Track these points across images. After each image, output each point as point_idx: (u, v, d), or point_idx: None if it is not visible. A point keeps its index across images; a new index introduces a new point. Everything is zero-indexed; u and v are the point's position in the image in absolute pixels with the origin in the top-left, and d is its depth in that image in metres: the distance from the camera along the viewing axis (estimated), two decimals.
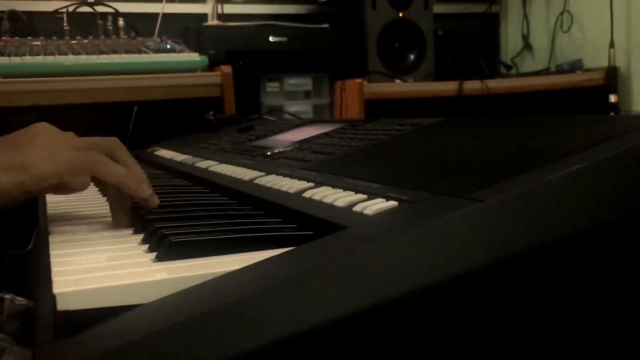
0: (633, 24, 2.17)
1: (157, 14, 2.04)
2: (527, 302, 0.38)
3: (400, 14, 2.13)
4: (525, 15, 2.59)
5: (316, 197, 0.54)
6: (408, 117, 0.84)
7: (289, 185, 0.61)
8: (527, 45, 2.60)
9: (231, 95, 1.74)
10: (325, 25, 2.15)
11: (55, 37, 1.74)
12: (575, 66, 2.31)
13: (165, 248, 0.45)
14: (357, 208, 0.47)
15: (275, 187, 0.62)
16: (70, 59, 1.62)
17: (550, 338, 0.39)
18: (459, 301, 0.36)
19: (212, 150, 1.11)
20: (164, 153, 1.22)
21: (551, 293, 0.38)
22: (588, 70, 2.25)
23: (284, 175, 0.66)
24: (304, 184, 0.60)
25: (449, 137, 0.72)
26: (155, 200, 0.61)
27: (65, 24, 1.82)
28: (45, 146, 0.58)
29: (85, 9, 1.92)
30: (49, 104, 1.56)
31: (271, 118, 1.66)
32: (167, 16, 2.06)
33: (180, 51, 1.77)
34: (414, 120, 0.81)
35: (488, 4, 2.65)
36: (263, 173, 0.71)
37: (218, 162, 0.89)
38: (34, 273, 0.49)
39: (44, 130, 0.60)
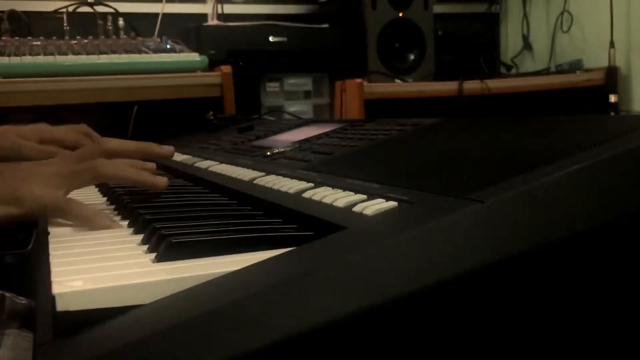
0: (633, 24, 2.17)
1: (157, 14, 2.04)
2: (527, 302, 0.38)
3: (400, 14, 2.13)
4: (525, 15, 2.59)
5: (316, 198, 0.54)
6: (408, 117, 0.84)
7: (289, 185, 0.61)
8: (527, 45, 2.59)
9: (231, 95, 1.74)
10: (325, 25, 2.15)
11: (55, 37, 1.74)
12: (575, 66, 2.31)
13: (165, 248, 0.44)
14: (356, 208, 0.47)
15: (275, 187, 0.62)
16: (70, 59, 1.62)
17: (550, 338, 0.39)
18: (459, 301, 0.36)
19: (212, 150, 1.11)
20: None
21: (551, 293, 0.38)
22: (588, 70, 2.25)
23: (284, 176, 0.66)
24: (303, 184, 0.60)
25: (449, 137, 0.72)
26: (162, 181, 0.66)
27: (65, 24, 1.82)
28: (41, 178, 0.60)
29: (85, 9, 1.92)
30: (49, 104, 1.56)
31: (271, 118, 1.66)
32: (167, 16, 2.06)
33: (180, 51, 1.77)
34: (414, 120, 0.81)
35: (488, 4, 2.65)
36: (263, 173, 0.71)
37: (218, 162, 0.89)
38: (34, 273, 0.49)
39: (36, 165, 0.64)
